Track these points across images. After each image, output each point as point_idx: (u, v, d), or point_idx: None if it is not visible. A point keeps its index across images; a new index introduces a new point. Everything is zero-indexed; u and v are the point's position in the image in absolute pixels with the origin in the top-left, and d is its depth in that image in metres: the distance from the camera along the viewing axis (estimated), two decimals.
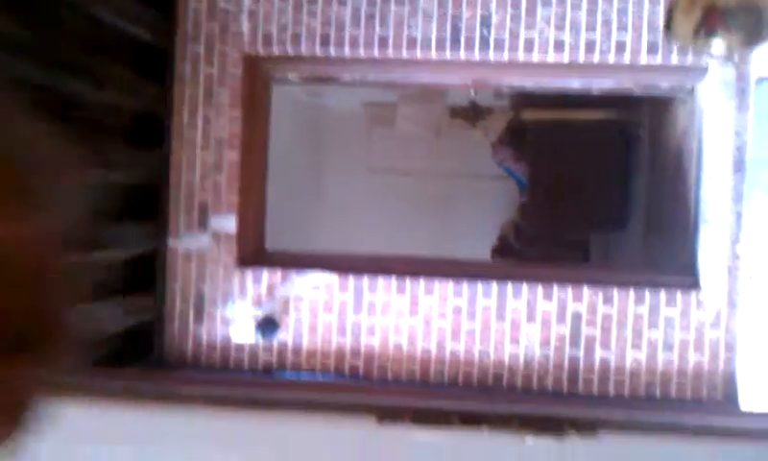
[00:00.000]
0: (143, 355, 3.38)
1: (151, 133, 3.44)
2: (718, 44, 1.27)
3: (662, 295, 3.20)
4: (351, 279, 3.34)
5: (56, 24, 2.73)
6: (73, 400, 1.30)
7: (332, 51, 3.37)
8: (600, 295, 3.22)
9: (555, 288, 3.24)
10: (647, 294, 3.21)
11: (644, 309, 3.20)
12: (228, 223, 3.41)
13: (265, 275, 3.39)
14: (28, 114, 0.52)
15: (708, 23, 1.22)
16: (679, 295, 3.20)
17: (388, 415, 1.23)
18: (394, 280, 3.32)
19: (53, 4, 2.68)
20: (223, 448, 1.24)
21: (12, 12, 2.46)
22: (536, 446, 1.17)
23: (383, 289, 3.32)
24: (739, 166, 3.20)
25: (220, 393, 1.36)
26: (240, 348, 3.38)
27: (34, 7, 2.59)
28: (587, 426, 1.18)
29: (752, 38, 1.25)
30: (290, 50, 3.40)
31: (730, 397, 3.13)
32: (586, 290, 3.23)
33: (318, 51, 3.38)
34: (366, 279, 3.33)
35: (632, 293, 3.21)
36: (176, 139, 3.45)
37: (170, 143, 3.45)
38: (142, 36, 3.29)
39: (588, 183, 4.68)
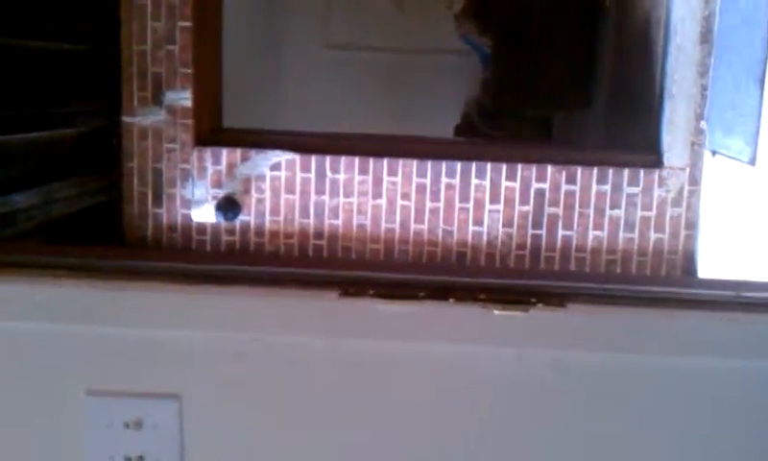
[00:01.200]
0: (102, 238, 3.30)
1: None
2: None
3: (626, 173, 3.20)
4: (313, 158, 3.26)
5: None
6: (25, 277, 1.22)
7: None
8: (563, 173, 3.21)
9: (519, 167, 3.22)
10: (610, 172, 3.20)
11: (607, 188, 3.20)
12: (183, 97, 3.27)
13: (224, 154, 3.29)
14: None
15: None
16: (642, 173, 3.20)
17: (351, 289, 1.18)
18: (356, 160, 3.25)
19: None
20: (181, 325, 1.19)
21: None
22: (503, 317, 1.14)
23: (346, 168, 3.25)
24: (707, 37, 3.13)
25: (178, 268, 1.30)
26: (202, 229, 3.31)
27: None
28: (554, 298, 1.16)
29: None
30: None
31: (688, 276, 3.18)
32: (549, 169, 3.21)
33: None
34: (328, 158, 3.26)
35: (595, 172, 3.20)
36: (124, 6, 3.25)
37: (119, 10, 3.25)
38: None
39: (553, 58, 4.57)
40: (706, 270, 3.15)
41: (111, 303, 1.18)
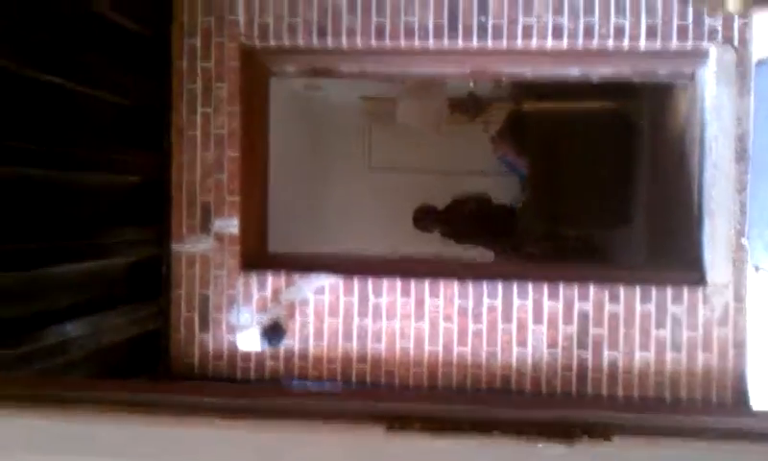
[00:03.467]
0: (149, 366, 3.35)
1: (150, 131, 3.40)
2: (733, 2, 1.28)
3: (669, 291, 3.17)
4: (356, 282, 3.30)
5: (53, 21, 2.70)
6: (80, 412, 1.26)
7: (329, 42, 3.34)
8: (606, 293, 3.19)
9: (561, 287, 3.21)
10: (653, 291, 3.17)
11: (651, 307, 3.17)
12: (230, 225, 3.37)
13: (269, 278, 3.35)
14: None
15: None
16: (685, 291, 3.17)
17: (397, 423, 1.19)
18: (398, 282, 3.29)
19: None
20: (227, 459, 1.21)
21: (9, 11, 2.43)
22: (548, 451, 1.13)
23: (388, 291, 3.29)
24: (742, 155, 3.16)
25: (224, 403, 1.33)
26: (246, 356, 3.34)
27: (30, 2, 2.55)
28: (600, 430, 1.15)
29: None
30: (287, 41, 3.36)
31: (740, 395, 3.09)
32: (592, 288, 3.20)
33: (315, 42, 3.34)
34: (370, 281, 3.30)
35: (638, 291, 3.18)
36: (175, 138, 3.41)
37: (170, 142, 3.41)
38: (138, 30, 3.25)
39: (590, 177, 4.63)
40: (757, 388, 3.05)
41: (155, 440, 1.20)
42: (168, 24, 3.40)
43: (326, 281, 3.31)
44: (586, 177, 4.64)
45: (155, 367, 3.36)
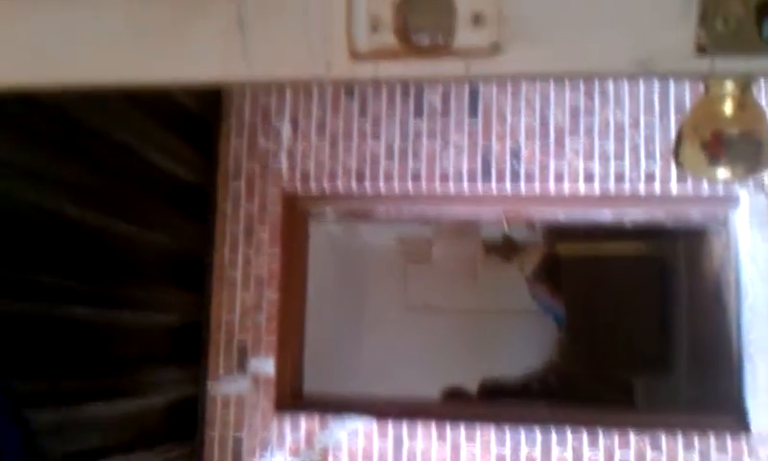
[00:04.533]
0: None
1: (192, 271, 3.50)
2: (722, 172, 1.35)
3: (712, 439, 3.06)
4: (390, 425, 3.26)
5: (102, 165, 2.82)
6: None
7: (367, 186, 3.45)
8: (647, 440, 3.09)
9: (600, 435, 3.12)
10: (696, 439, 3.07)
11: (695, 456, 3.06)
12: (267, 365, 3.38)
13: (303, 421, 3.32)
14: None
15: (712, 152, 1.30)
16: (729, 439, 3.05)
17: None
18: (434, 426, 3.23)
19: (100, 144, 2.78)
20: None
21: (54, 152, 2.56)
22: None
23: (423, 436, 3.22)
24: None
25: None
26: None
27: (80, 147, 2.67)
28: None
29: (753, 167, 1.33)
30: (327, 187, 3.49)
31: None
32: (632, 436, 3.10)
33: (353, 187, 3.46)
34: (405, 425, 3.25)
35: (680, 439, 3.08)
36: (216, 279, 3.49)
37: (210, 282, 3.49)
38: (185, 175, 3.40)
39: (626, 319, 4.60)
40: None
41: None
42: (214, 169, 3.56)
43: (360, 424, 3.27)
44: (622, 319, 4.60)
45: None
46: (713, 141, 1.28)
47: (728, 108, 1.30)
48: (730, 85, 1.25)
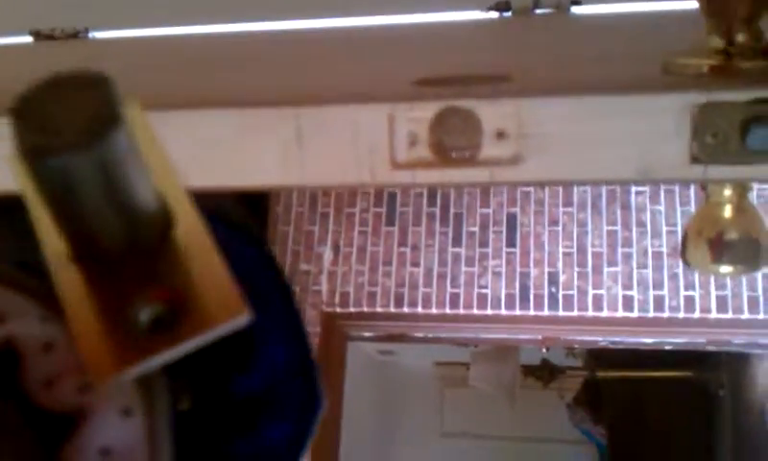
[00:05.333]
0: None
1: None
2: (725, 268, 1.45)
3: None
4: None
5: None
6: None
7: (405, 309, 3.52)
8: None
9: None
10: None
11: None
12: None
13: None
14: None
15: (714, 252, 1.41)
16: None
17: None
18: None
19: None
20: None
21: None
22: None
23: None
24: None
25: None
26: None
27: None
28: None
29: (753, 265, 1.43)
30: (366, 308, 3.56)
31: None
32: None
33: (392, 309, 3.54)
34: None
35: None
36: None
37: None
38: None
39: (670, 447, 4.47)
40: None
41: None
42: None
43: None
44: (665, 447, 4.47)
45: None
46: (715, 243, 1.39)
47: (727, 212, 1.41)
48: (728, 192, 1.37)
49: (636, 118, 0.57)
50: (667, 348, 3.56)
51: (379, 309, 3.55)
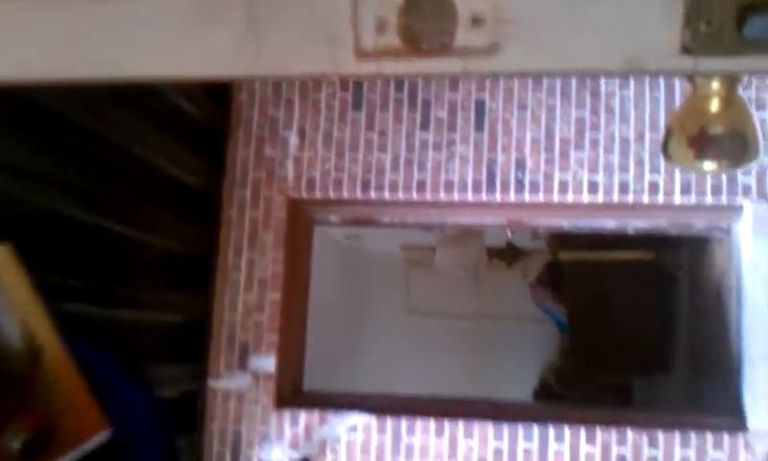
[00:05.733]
0: None
1: (195, 273, 3.54)
2: (708, 164, 1.39)
3: (708, 437, 3.09)
4: (389, 421, 3.30)
5: (109, 169, 2.88)
6: None
7: (372, 194, 3.50)
8: (645, 438, 3.12)
9: (598, 431, 3.16)
10: (693, 436, 3.10)
11: (691, 453, 3.08)
12: (267, 363, 3.43)
13: (303, 416, 3.36)
14: None
15: (698, 146, 1.34)
16: (726, 437, 3.08)
17: None
18: (432, 422, 3.27)
19: (108, 150, 2.83)
20: None
21: (67, 158, 2.62)
22: None
23: (421, 431, 3.26)
24: None
25: None
26: None
27: (88, 152, 2.73)
28: None
29: (738, 161, 1.37)
30: (332, 194, 3.53)
31: None
32: (630, 433, 3.14)
33: (358, 194, 3.51)
34: (404, 421, 3.29)
35: (677, 435, 3.11)
36: (219, 280, 3.54)
37: (214, 284, 3.54)
38: (192, 182, 3.46)
39: (628, 324, 4.63)
40: None
41: None
42: (221, 177, 3.62)
43: (359, 420, 3.31)
44: (624, 324, 4.62)
45: None
46: (699, 137, 1.33)
47: (714, 105, 1.34)
48: (716, 84, 1.30)
49: (623, 3, 0.51)
50: (630, 231, 3.60)
51: (346, 195, 3.53)
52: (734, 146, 1.34)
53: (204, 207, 3.60)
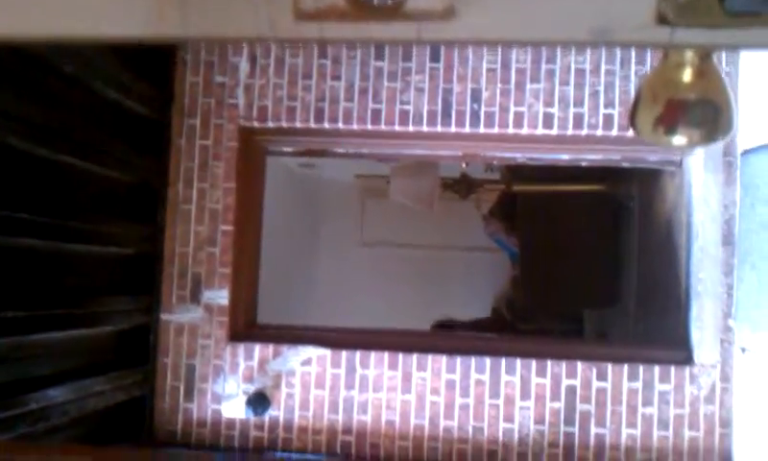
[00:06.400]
0: (133, 433, 3.32)
1: (145, 204, 3.45)
2: (678, 138, 1.33)
3: (656, 370, 3.18)
4: (344, 354, 3.31)
5: (56, 99, 2.77)
6: None
7: (326, 124, 3.43)
8: (594, 370, 3.20)
9: (549, 364, 3.22)
10: (641, 369, 3.19)
11: (638, 385, 3.18)
12: (220, 296, 3.39)
13: (257, 349, 3.36)
14: None
15: (669, 118, 1.28)
16: (673, 370, 3.18)
17: None
18: (386, 355, 3.29)
19: (54, 78, 2.72)
20: None
21: (12, 88, 2.51)
22: None
23: (376, 364, 3.29)
24: (729, 239, 3.22)
25: None
26: (231, 424, 3.32)
27: (34, 81, 2.62)
28: None
29: (710, 134, 1.31)
30: (285, 123, 3.45)
31: None
32: (579, 365, 3.21)
33: (312, 124, 3.43)
34: (358, 354, 3.30)
35: (626, 368, 3.19)
36: (170, 211, 3.46)
37: (164, 215, 3.46)
38: (140, 110, 3.34)
39: (579, 257, 4.69)
40: None
41: None
42: (169, 105, 3.49)
43: (314, 353, 3.32)
44: (575, 257, 4.69)
45: (138, 433, 3.33)
46: (671, 108, 1.28)
47: (687, 75, 1.28)
48: (690, 53, 1.24)
49: None
50: (583, 164, 3.61)
51: (299, 124, 3.45)
52: (707, 117, 1.29)
53: (156, 137, 3.49)
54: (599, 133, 3.32)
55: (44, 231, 2.72)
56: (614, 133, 3.31)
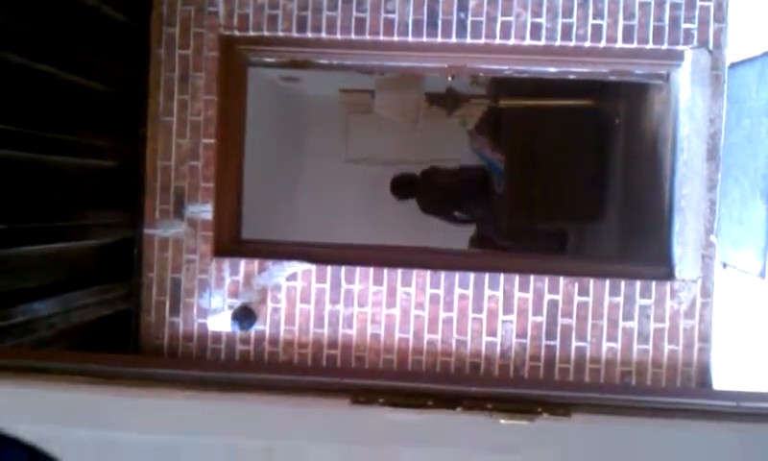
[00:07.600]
0: (119, 346, 3.35)
1: (126, 117, 3.39)
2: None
3: (638, 285, 3.23)
4: (329, 269, 3.32)
5: (32, 4, 2.68)
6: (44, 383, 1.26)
7: (309, 33, 3.35)
8: (576, 285, 3.24)
9: (531, 279, 3.26)
10: (622, 284, 3.23)
11: (620, 299, 3.22)
12: (204, 210, 3.37)
13: (242, 264, 3.36)
14: None
15: None
16: (654, 285, 3.23)
17: (361, 397, 1.21)
18: (371, 270, 3.31)
19: None
20: (195, 432, 1.22)
21: None
22: (509, 426, 1.16)
23: (361, 279, 3.31)
24: (713, 154, 3.22)
25: (193, 375, 1.33)
26: (217, 338, 3.35)
27: None
28: (559, 408, 1.18)
29: None
30: (266, 32, 3.36)
31: (704, 387, 3.16)
32: (562, 281, 3.25)
33: (295, 33, 3.35)
34: (343, 269, 3.32)
35: (607, 283, 3.24)
36: (151, 124, 3.41)
37: (145, 128, 3.41)
38: (117, 17, 3.24)
39: (565, 172, 4.69)
40: (720, 382, 3.12)
41: (126, 409, 1.21)
42: (147, 13, 3.39)
43: (299, 268, 3.33)
44: (560, 172, 4.69)
45: (124, 347, 3.36)
46: None
47: None
48: None
49: None
50: (571, 77, 3.56)
51: (281, 34, 3.37)
52: None
53: (135, 47, 3.40)
54: (587, 44, 3.27)
55: (26, 143, 2.68)
56: (603, 44, 3.26)
